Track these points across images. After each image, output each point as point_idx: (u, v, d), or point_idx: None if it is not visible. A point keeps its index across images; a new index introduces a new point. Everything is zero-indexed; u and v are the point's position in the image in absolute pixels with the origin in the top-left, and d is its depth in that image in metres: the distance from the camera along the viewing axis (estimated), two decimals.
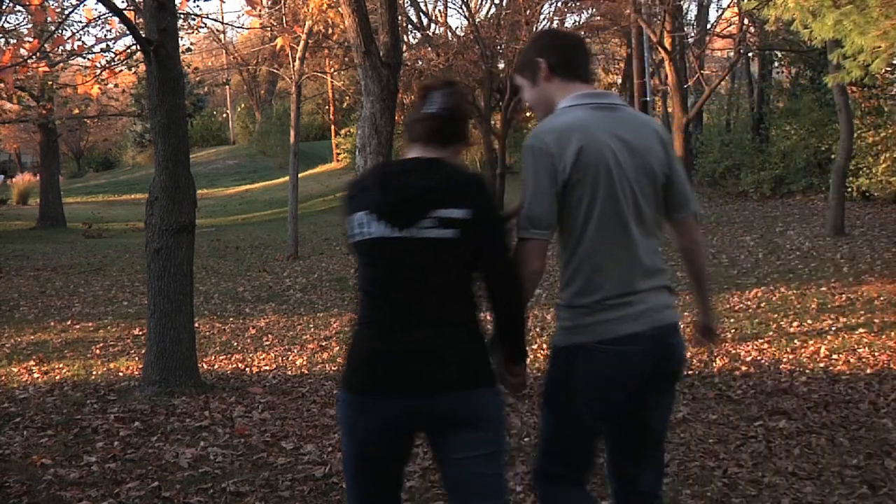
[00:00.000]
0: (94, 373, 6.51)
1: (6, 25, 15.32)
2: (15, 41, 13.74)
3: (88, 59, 12.58)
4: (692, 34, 18.41)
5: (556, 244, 2.47)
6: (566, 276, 2.43)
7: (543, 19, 20.23)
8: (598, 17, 20.44)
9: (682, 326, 2.60)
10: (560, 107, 2.45)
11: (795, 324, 7.40)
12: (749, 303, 8.42)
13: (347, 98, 32.65)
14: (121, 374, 6.44)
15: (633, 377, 2.41)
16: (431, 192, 2.25)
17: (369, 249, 2.32)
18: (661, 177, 2.45)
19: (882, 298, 8.16)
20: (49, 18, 8.30)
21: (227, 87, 36.38)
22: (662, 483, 2.75)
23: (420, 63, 18.97)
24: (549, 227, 2.35)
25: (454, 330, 2.30)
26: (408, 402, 2.28)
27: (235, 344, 7.62)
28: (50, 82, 14.92)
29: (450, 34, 20.87)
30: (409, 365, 2.27)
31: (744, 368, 6.03)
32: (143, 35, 5.63)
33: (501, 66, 18.26)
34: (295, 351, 7.16)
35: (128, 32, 6.29)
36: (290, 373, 6.38)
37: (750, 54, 18.29)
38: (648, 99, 20.02)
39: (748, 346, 6.71)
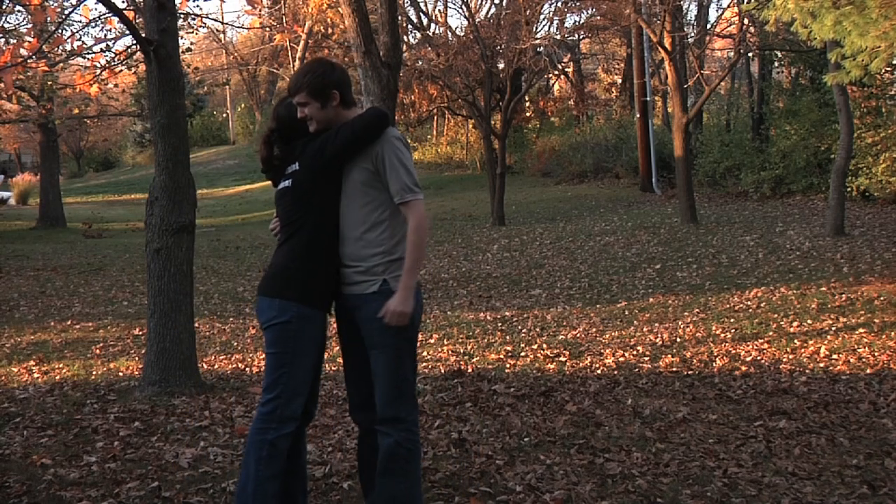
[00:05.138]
0: (94, 373, 6.51)
1: (6, 25, 15.35)
2: (15, 41, 13.76)
3: (88, 59, 12.59)
4: (692, 34, 18.40)
5: (380, 216, 3.27)
6: (398, 237, 3.28)
7: (543, 19, 20.27)
8: (598, 17, 20.44)
9: None
10: None
11: (795, 324, 7.40)
12: (749, 303, 8.42)
13: None
14: (121, 374, 6.44)
15: None
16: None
17: None
18: None
19: (882, 298, 8.16)
20: (49, 18, 8.30)
21: (227, 87, 36.38)
22: None
23: (420, 63, 18.97)
24: None
25: (284, 253, 3.35)
26: None
27: (235, 344, 7.62)
28: (50, 82, 14.93)
29: (450, 34, 20.89)
30: None
31: (744, 368, 6.03)
32: (143, 35, 5.63)
33: (501, 66, 18.26)
34: None
35: (128, 32, 6.28)
36: None
37: (750, 54, 18.28)
38: (648, 99, 20.00)
39: (748, 346, 6.71)
